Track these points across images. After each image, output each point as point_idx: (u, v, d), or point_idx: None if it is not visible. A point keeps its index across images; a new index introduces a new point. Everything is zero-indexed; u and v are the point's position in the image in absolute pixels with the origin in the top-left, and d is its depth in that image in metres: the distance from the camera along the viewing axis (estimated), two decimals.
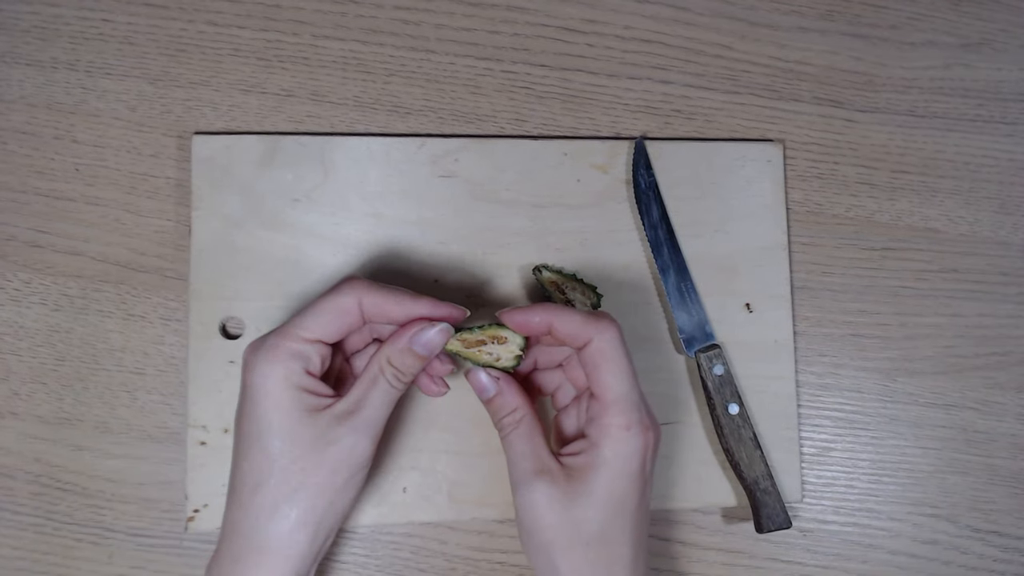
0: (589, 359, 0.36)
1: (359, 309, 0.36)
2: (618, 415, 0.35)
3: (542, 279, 0.45)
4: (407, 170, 0.46)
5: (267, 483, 0.34)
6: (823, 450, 0.48)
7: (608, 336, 0.35)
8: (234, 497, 0.35)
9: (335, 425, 0.35)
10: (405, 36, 0.47)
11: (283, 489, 0.34)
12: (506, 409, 0.38)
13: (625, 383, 0.35)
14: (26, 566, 0.43)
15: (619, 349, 0.36)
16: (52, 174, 0.45)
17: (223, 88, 0.46)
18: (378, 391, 0.36)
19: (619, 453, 0.35)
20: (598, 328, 0.36)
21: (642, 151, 0.47)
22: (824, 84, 0.50)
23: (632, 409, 0.35)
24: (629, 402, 0.35)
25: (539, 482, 0.35)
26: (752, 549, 0.47)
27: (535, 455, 0.36)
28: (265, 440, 0.34)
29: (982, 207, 0.50)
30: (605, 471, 0.35)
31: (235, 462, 0.36)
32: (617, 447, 0.35)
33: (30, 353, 0.44)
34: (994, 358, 0.49)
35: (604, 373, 0.35)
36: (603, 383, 0.35)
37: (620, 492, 0.35)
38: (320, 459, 0.34)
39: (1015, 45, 0.51)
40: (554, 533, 0.35)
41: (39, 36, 0.46)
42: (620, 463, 0.35)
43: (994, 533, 0.48)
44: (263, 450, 0.34)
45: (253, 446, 0.34)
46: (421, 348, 0.36)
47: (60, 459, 0.44)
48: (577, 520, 0.35)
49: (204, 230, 0.44)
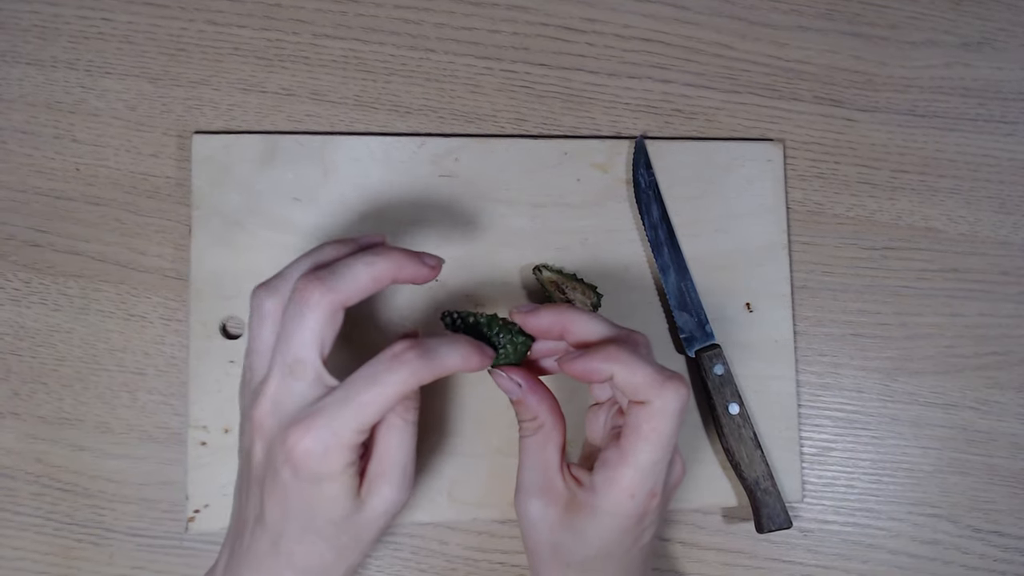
0: (637, 417, 0.33)
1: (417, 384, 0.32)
2: (629, 480, 0.33)
3: (542, 279, 0.45)
4: (407, 169, 0.46)
5: (322, 555, 0.33)
6: (823, 450, 0.48)
7: (671, 407, 0.33)
8: (277, 559, 0.34)
9: (377, 496, 0.33)
10: (405, 35, 0.47)
11: (332, 555, 0.34)
12: (526, 415, 0.37)
13: (656, 454, 0.33)
14: (26, 566, 0.43)
15: (673, 422, 0.33)
16: (52, 174, 0.45)
17: (223, 87, 0.46)
18: (396, 434, 0.34)
19: (616, 511, 0.34)
20: (663, 393, 0.33)
21: (642, 150, 0.47)
22: (824, 83, 0.50)
23: (647, 480, 0.34)
24: (648, 474, 0.34)
25: (537, 500, 0.35)
26: (752, 549, 0.47)
27: (543, 470, 0.36)
28: (324, 533, 0.33)
29: (982, 207, 0.50)
30: (597, 519, 0.34)
31: (275, 535, 0.33)
32: (616, 507, 0.34)
33: (30, 353, 0.44)
34: (994, 358, 0.49)
35: (642, 439, 0.33)
36: (636, 447, 0.33)
37: (609, 539, 0.35)
38: (368, 530, 0.34)
39: (1015, 44, 0.51)
40: (541, 546, 0.36)
41: (39, 35, 0.45)
42: (614, 520, 0.34)
43: (995, 533, 0.48)
44: (320, 539, 0.33)
45: (307, 535, 0.33)
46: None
47: (60, 459, 0.44)
48: (563, 544, 0.35)
49: (204, 230, 0.44)
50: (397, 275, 0.34)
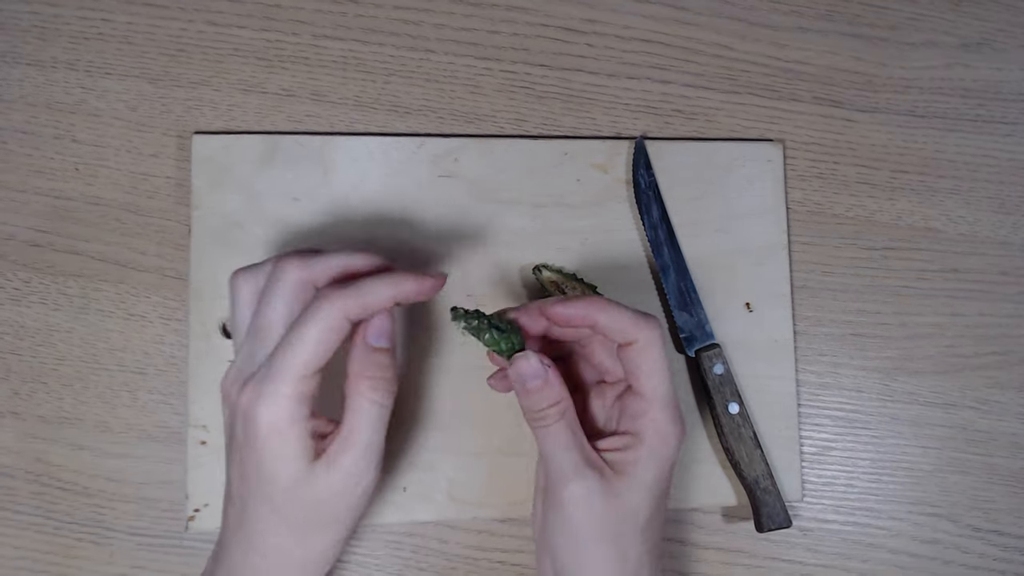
0: (634, 357, 0.36)
1: (347, 322, 0.33)
2: (662, 410, 0.36)
3: (542, 279, 0.45)
4: (407, 170, 0.46)
5: (278, 530, 0.34)
6: (823, 449, 0.48)
7: (655, 336, 0.36)
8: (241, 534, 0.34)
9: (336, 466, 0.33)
10: (405, 36, 0.47)
11: (293, 538, 0.34)
12: (551, 399, 0.36)
13: (667, 382, 0.36)
14: (26, 566, 0.43)
15: (663, 350, 0.36)
16: (52, 174, 0.45)
17: (223, 88, 0.46)
18: (365, 416, 0.34)
19: (665, 445, 0.36)
20: (646, 328, 0.36)
21: (642, 151, 0.47)
22: (824, 84, 0.50)
23: (673, 406, 0.37)
24: (670, 399, 0.37)
25: (591, 473, 0.35)
26: (752, 548, 0.47)
27: (580, 447, 0.36)
28: (276, 501, 0.33)
29: (982, 207, 0.50)
30: (653, 463, 0.36)
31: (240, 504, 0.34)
32: (663, 441, 0.36)
33: (30, 353, 0.44)
34: (994, 358, 0.49)
35: (650, 373, 0.36)
36: (649, 382, 0.36)
37: (663, 482, 0.37)
38: (327, 503, 0.34)
39: (1015, 45, 0.51)
40: (591, 528, 0.35)
41: (39, 36, 0.46)
42: (665, 454, 0.36)
43: (994, 532, 0.48)
44: (269, 502, 0.33)
45: (262, 504, 0.33)
46: (377, 340, 0.34)
47: (60, 459, 0.44)
48: (633, 509, 0.36)
49: (204, 230, 0.44)
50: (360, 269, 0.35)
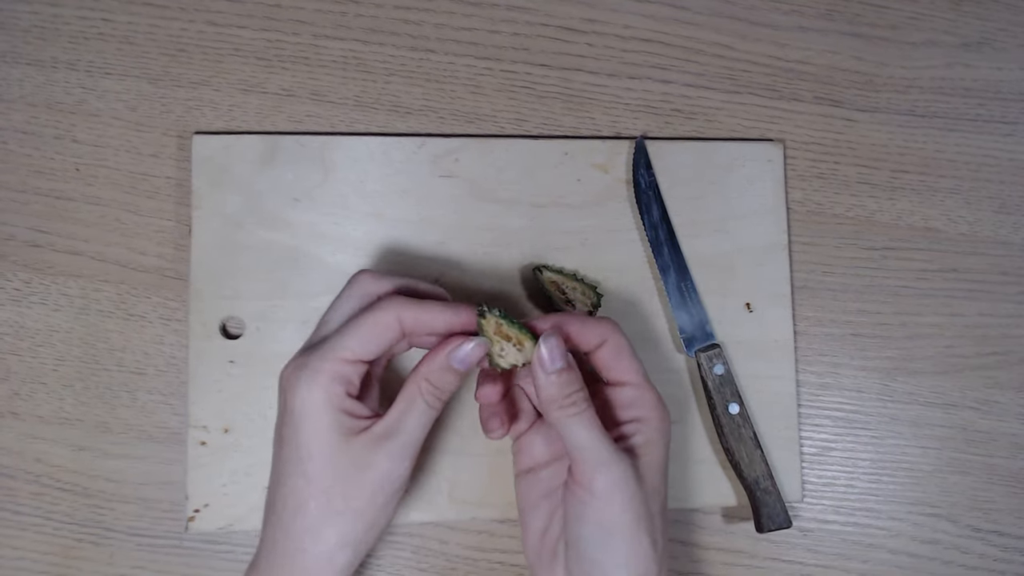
0: (609, 354, 0.38)
1: (399, 324, 0.35)
2: (651, 390, 0.38)
3: (542, 279, 0.45)
4: (407, 170, 0.46)
5: (307, 507, 0.34)
6: (823, 450, 0.48)
7: (618, 329, 0.38)
8: (273, 517, 0.35)
9: (374, 449, 0.35)
10: (405, 36, 0.47)
11: (324, 513, 0.34)
12: (575, 385, 0.35)
13: (641, 366, 0.39)
14: (26, 566, 0.43)
15: (626, 339, 0.38)
16: (52, 174, 0.45)
17: (223, 88, 0.46)
18: (415, 412, 0.35)
19: (665, 420, 0.38)
20: (609, 324, 0.38)
21: (642, 151, 0.47)
22: (824, 84, 0.50)
23: (651, 385, 0.39)
24: (648, 380, 0.39)
25: (626, 456, 0.36)
26: (752, 549, 0.47)
27: (606, 436, 0.36)
28: (306, 465, 0.34)
29: (982, 207, 0.50)
30: (662, 440, 0.38)
31: (275, 483, 0.35)
32: (663, 416, 0.38)
33: (30, 353, 0.44)
34: (994, 358, 0.49)
35: (629, 361, 0.38)
36: (630, 370, 0.38)
37: (667, 460, 0.38)
38: (360, 484, 0.34)
39: (1015, 45, 0.51)
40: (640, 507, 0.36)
41: (39, 35, 0.46)
42: (667, 429, 0.38)
43: (994, 532, 0.48)
44: (304, 475, 0.34)
45: (294, 471, 0.34)
46: (459, 364, 0.35)
47: (60, 459, 0.44)
48: (655, 489, 0.37)
49: (204, 230, 0.44)
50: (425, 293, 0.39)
